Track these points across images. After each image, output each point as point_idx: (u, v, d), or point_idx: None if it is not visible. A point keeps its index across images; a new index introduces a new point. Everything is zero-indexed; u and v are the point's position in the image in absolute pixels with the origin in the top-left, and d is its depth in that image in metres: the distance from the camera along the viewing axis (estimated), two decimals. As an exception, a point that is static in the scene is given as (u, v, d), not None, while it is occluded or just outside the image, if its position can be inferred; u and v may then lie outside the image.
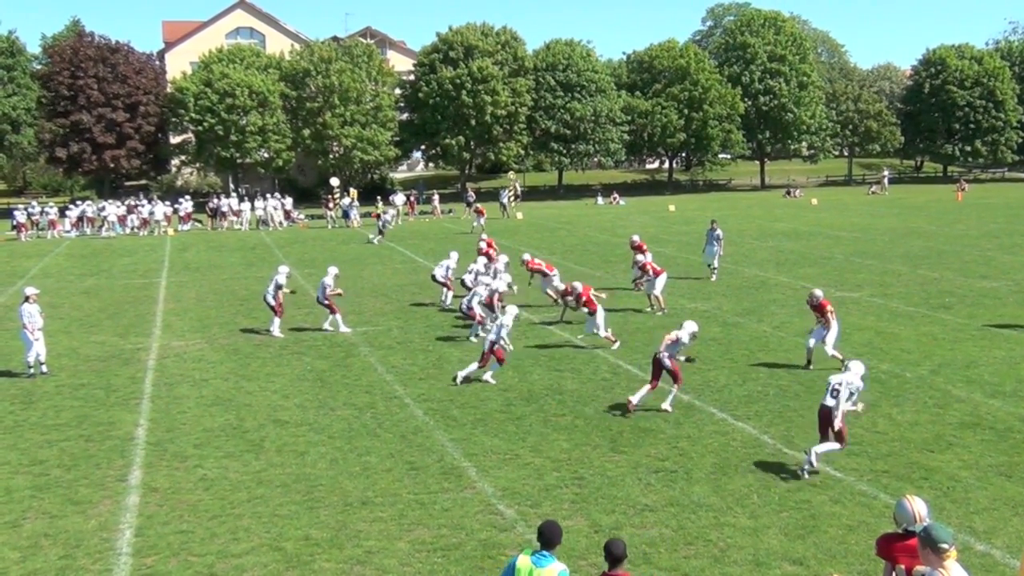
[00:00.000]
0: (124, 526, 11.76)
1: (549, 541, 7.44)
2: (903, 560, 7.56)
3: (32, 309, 19.39)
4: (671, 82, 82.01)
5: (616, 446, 14.29)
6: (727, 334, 22.05)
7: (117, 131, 70.99)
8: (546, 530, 7.49)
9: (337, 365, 19.92)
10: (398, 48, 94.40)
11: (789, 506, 11.89)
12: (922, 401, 16.29)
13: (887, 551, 7.74)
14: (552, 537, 7.46)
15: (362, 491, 12.70)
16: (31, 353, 19.43)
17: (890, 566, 7.72)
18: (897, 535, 7.75)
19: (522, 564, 7.40)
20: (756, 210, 58.50)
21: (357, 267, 35.59)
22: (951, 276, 30.03)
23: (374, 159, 74.99)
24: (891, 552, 7.69)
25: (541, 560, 7.35)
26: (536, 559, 7.37)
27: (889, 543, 7.78)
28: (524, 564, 7.39)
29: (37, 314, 19.46)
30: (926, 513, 7.63)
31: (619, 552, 7.47)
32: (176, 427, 15.81)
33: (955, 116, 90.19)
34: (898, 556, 7.61)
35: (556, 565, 7.30)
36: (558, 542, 7.50)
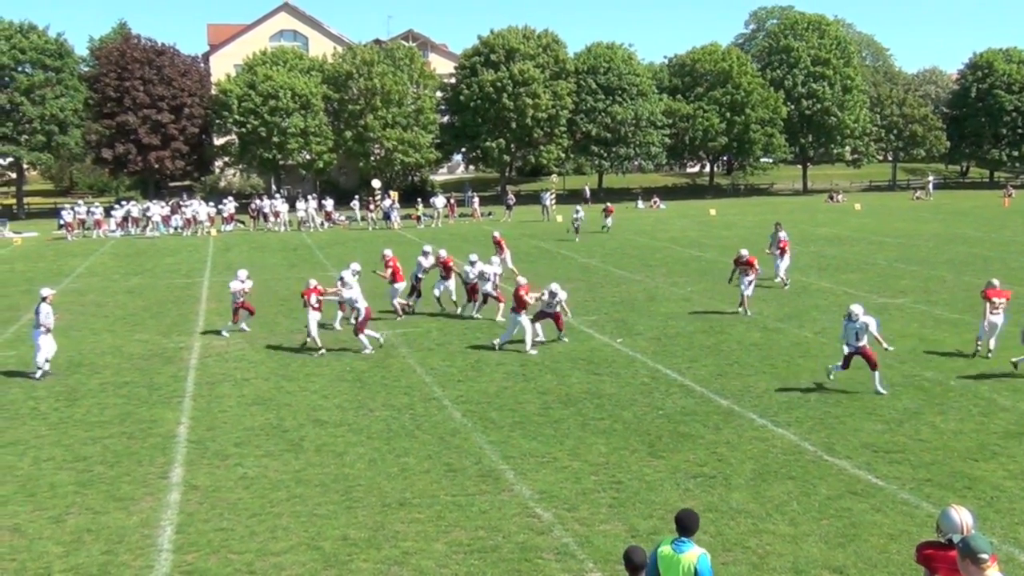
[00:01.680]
0: (165, 523, 11.89)
1: (687, 528, 7.69)
2: (943, 571, 7.44)
3: (49, 309, 19.70)
4: (713, 85, 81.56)
5: (654, 451, 14.23)
6: (768, 339, 21.88)
7: (162, 132, 71.76)
8: (684, 518, 7.74)
9: (376, 366, 20.01)
10: (440, 51, 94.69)
11: (829, 514, 11.78)
12: (966, 409, 16.07)
13: (927, 559, 7.63)
14: (690, 524, 7.70)
15: (400, 492, 12.74)
16: (41, 354, 19.64)
17: (929, 574, 7.60)
18: (939, 544, 7.63)
19: (664, 552, 7.69)
20: (798, 215, 58.02)
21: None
22: (997, 283, 29.53)
23: (415, 161, 75.25)
24: (931, 561, 7.57)
25: (681, 546, 7.63)
26: (676, 546, 7.65)
27: (930, 552, 7.65)
28: (666, 552, 7.67)
29: (51, 314, 19.77)
30: (972, 524, 7.51)
31: (639, 560, 7.46)
32: (217, 425, 15.96)
33: (1002, 121, 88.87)
34: (939, 566, 7.49)
35: (696, 550, 7.59)
36: (696, 529, 7.74)
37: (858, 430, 15.01)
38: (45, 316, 19.56)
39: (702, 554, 7.57)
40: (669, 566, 7.62)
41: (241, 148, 73.82)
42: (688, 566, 7.52)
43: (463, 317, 25.10)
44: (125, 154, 71.10)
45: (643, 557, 7.48)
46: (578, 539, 11.18)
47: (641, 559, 7.45)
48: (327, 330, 23.26)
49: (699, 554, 7.55)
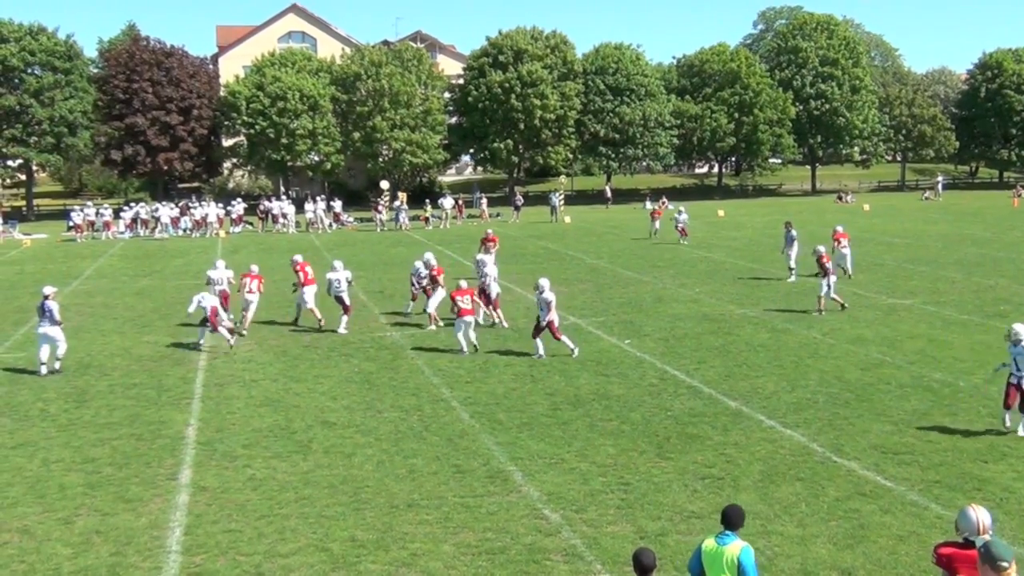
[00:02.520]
0: (174, 524, 11.92)
1: (732, 522, 7.86)
2: (964, 571, 7.43)
3: (56, 306, 20.06)
4: (721, 86, 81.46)
5: (663, 452, 14.22)
6: (776, 340, 21.85)
7: (171, 134, 71.90)
8: (730, 512, 7.93)
9: (384, 367, 20.03)
10: (448, 52, 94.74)
11: (838, 515, 11.75)
12: (975, 410, 16.03)
13: (947, 560, 7.61)
14: (735, 519, 7.89)
15: (408, 493, 12.75)
16: (61, 347, 19.97)
17: (949, 575, 7.58)
18: (957, 544, 7.61)
19: (708, 546, 7.87)
20: (807, 215, 57.87)
21: (405, 270, 35.68)
22: (1006, 283, 29.52)
23: (423, 162, 75.31)
24: (951, 562, 7.56)
25: (724, 539, 7.80)
26: (720, 539, 7.82)
27: (949, 552, 7.64)
28: (710, 545, 7.86)
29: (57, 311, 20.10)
30: (990, 523, 7.50)
31: (648, 562, 7.46)
32: (225, 427, 15.99)
33: (1012, 121, 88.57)
34: (959, 566, 7.47)
35: (738, 543, 7.75)
36: (740, 524, 7.92)
37: (867, 431, 14.98)
38: (57, 312, 19.89)
39: (745, 547, 7.72)
40: (713, 559, 7.77)
41: (249, 149, 73.95)
42: (731, 558, 7.67)
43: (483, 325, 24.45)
44: (134, 156, 71.27)
45: (652, 559, 7.48)
46: (586, 540, 11.18)
47: (650, 561, 7.45)
48: (329, 333, 23.27)
49: (742, 547, 7.71)
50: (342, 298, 23.80)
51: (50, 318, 19.85)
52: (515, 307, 26.15)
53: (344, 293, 23.85)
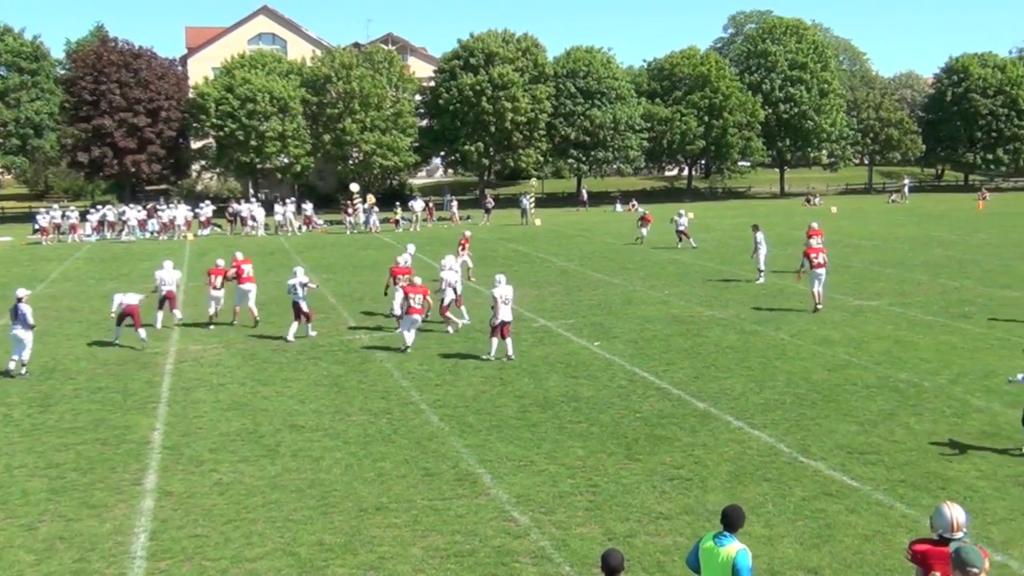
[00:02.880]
0: (139, 530, 11.81)
1: (732, 523, 7.87)
2: (938, 567, 7.50)
3: (30, 309, 19.89)
4: (691, 89, 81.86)
5: (631, 453, 14.25)
6: (744, 342, 21.96)
7: (138, 136, 71.36)
8: (730, 513, 7.93)
9: (353, 370, 19.95)
10: (419, 54, 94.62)
11: (804, 515, 11.82)
12: (940, 411, 16.18)
13: (922, 557, 7.68)
14: (735, 520, 7.88)
15: (376, 497, 12.70)
16: (27, 352, 19.84)
17: (922, 572, 7.64)
18: (932, 541, 7.69)
19: (706, 546, 7.89)
20: (775, 218, 58.25)
21: (375, 273, 35.61)
22: (971, 285, 29.84)
23: (393, 165, 75.15)
24: (926, 559, 7.63)
25: (722, 540, 7.80)
26: (718, 540, 7.83)
27: (924, 549, 7.71)
28: (708, 545, 7.87)
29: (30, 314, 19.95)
30: (964, 521, 7.59)
31: (616, 563, 7.45)
32: (192, 431, 15.87)
33: (977, 124, 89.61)
34: (934, 563, 7.55)
35: (736, 544, 7.74)
36: (740, 525, 7.91)
37: (833, 432, 15.08)
38: (30, 315, 19.72)
39: (742, 549, 7.72)
40: (709, 559, 7.82)
41: (218, 152, 73.53)
42: (727, 559, 7.69)
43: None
44: (101, 158, 70.67)
45: (619, 560, 7.47)
46: (555, 542, 11.18)
47: (617, 562, 7.44)
48: (304, 339, 23.17)
49: (739, 549, 7.71)
50: (299, 305, 22.99)
51: (23, 321, 19.67)
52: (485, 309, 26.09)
53: (302, 300, 22.99)
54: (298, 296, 22.89)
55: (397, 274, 24.11)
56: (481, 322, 24.17)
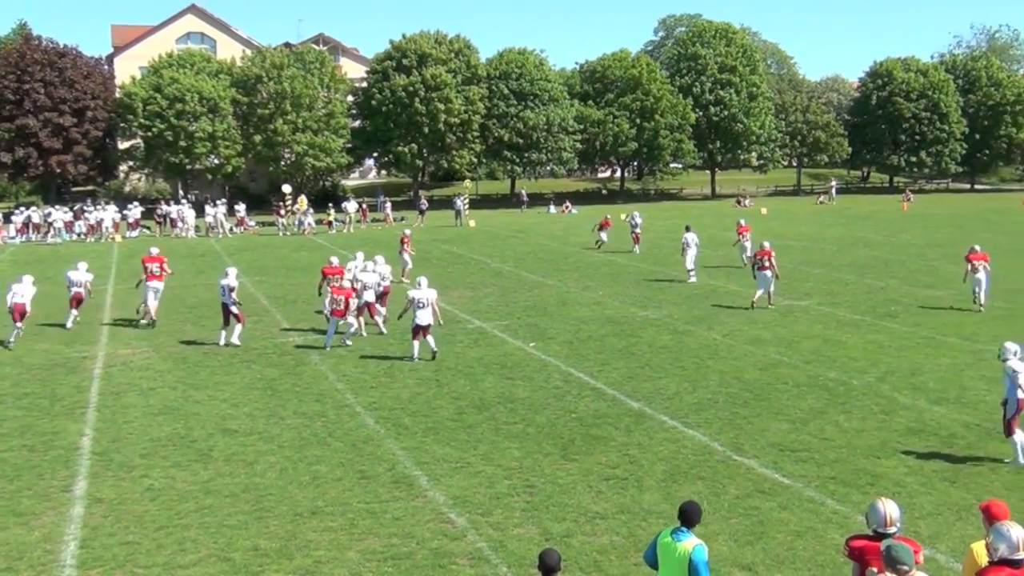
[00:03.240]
0: (68, 538, 11.57)
1: (689, 519, 7.96)
2: (875, 562, 7.64)
3: None
4: (623, 92, 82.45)
5: (567, 454, 14.32)
6: (677, 342, 22.20)
7: (64, 136, 69.89)
8: (687, 509, 8.02)
9: (287, 373, 19.76)
10: (351, 55, 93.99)
11: (738, 512, 11.99)
12: (868, 408, 16.52)
13: (858, 553, 7.82)
14: (691, 516, 7.97)
15: (312, 500, 12.60)
16: None
17: (859, 568, 7.79)
18: (868, 537, 7.84)
19: (664, 541, 8.00)
20: (707, 219, 58.93)
21: (309, 275, 35.31)
22: (896, 285, 30.51)
23: (326, 166, 74.57)
24: (863, 554, 7.77)
25: (679, 535, 7.89)
26: (675, 535, 7.92)
27: (861, 544, 7.85)
28: (666, 541, 7.97)
29: None
30: (898, 516, 7.74)
31: (552, 562, 7.49)
32: (122, 437, 15.58)
33: (901, 128, 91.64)
34: (870, 558, 7.69)
35: (692, 540, 7.82)
36: (697, 521, 8.00)
37: (765, 430, 15.32)
38: None
39: (698, 544, 7.81)
40: (667, 554, 7.92)
41: (147, 152, 72.29)
42: (683, 554, 7.78)
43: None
44: (25, 158, 69.06)
45: (556, 560, 7.51)
46: (492, 544, 11.19)
47: (554, 561, 7.48)
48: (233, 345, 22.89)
49: (695, 544, 7.80)
50: (229, 307, 22.48)
51: None
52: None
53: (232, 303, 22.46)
54: (228, 299, 22.47)
55: (328, 274, 23.88)
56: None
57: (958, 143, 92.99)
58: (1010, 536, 7.09)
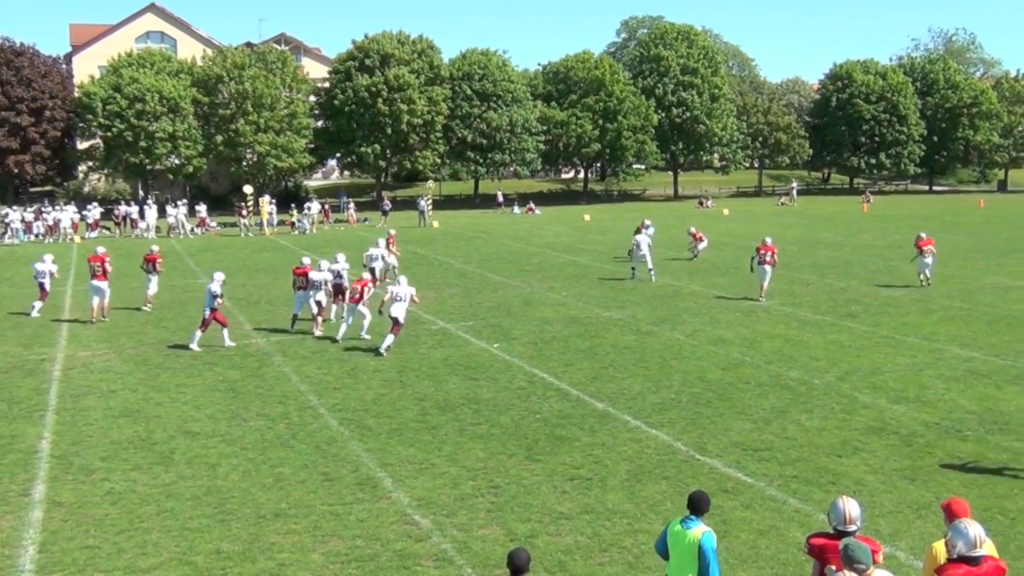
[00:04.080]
0: (27, 542, 11.41)
1: (697, 508, 8.19)
2: (834, 560, 7.71)
3: None
4: (586, 93, 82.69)
5: (532, 454, 14.33)
6: (641, 342, 22.28)
7: (21, 136, 69.02)
8: (696, 499, 8.25)
9: (250, 375, 19.61)
10: (313, 55, 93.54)
11: (702, 512, 12.03)
12: (830, 407, 16.67)
13: (818, 551, 7.89)
14: (700, 504, 8.20)
15: (275, 503, 12.52)
16: None
17: (819, 565, 7.85)
18: (828, 535, 7.91)
19: (674, 529, 8.23)
20: (669, 220, 59.23)
21: (271, 276, 35.16)
22: (857, 285, 30.83)
23: (288, 166, 74.18)
24: (823, 552, 7.84)
25: (688, 523, 8.12)
26: (684, 523, 8.14)
27: (821, 542, 7.93)
28: (676, 529, 8.20)
29: None
30: (858, 515, 7.81)
31: (521, 563, 7.46)
32: (82, 440, 15.40)
33: (861, 129, 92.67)
34: (830, 556, 7.76)
35: (701, 527, 8.06)
36: (706, 509, 8.23)
37: (728, 429, 15.41)
38: None
39: (707, 532, 8.02)
40: (676, 542, 8.15)
41: (106, 152, 71.52)
42: (692, 541, 8.00)
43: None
44: (-19, 159, 68.17)
45: (525, 560, 7.49)
46: (456, 545, 11.17)
47: (523, 562, 7.46)
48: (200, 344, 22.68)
49: (704, 531, 8.02)
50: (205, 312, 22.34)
51: None
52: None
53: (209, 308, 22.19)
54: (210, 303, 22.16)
55: (298, 274, 24.15)
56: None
57: (916, 145, 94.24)
58: (967, 533, 7.19)
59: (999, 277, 32.48)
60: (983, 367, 19.48)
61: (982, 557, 7.18)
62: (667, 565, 8.32)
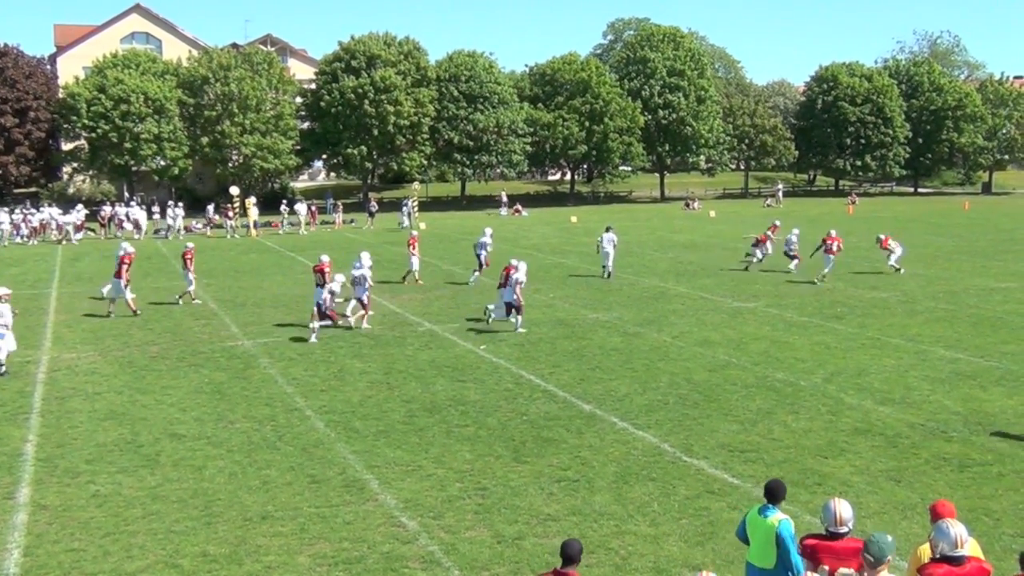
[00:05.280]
0: (12, 546, 11.35)
1: (775, 496, 8.53)
2: (827, 561, 7.76)
3: (5, 308, 19.98)
4: (573, 95, 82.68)
5: (519, 456, 14.33)
6: (628, 344, 22.31)
7: (5, 137, 68.60)
8: (773, 486, 8.60)
9: (236, 377, 19.56)
10: (299, 56, 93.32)
11: (689, 513, 12.07)
12: (816, 409, 16.72)
13: (810, 551, 7.94)
14: (777, 492, 8.55)
15: (262, 505, 12.49)
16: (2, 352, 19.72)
17: (812, 566, 7.90)
18: (820, 536, 7.96)
19: (752, 516, 8.60)
20: (656, 221, 59.37)
21: (257, 277, 35.07)
22: (843, 287, 30.93)
23: (274, 168, 73.97)
24: (815, 552, 7.89)
25: (766, 511, 8.44)
26: (762, 511, 8.48)
27: (813, 543, 7.97)
28: (753, 516, 8.58)
29: (9, 312, 20.10)
30: (849, 516, 7.88)
31: (573, 552, 7.60)
32: (67, 442, 15.32)
33: (846, 131, 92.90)
34: (822, 556, 7.81)
35: (779, 515, 8.36)
36: (782, 497, 8.59)
37: (715, 431, 15.45)
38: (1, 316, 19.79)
39: (784, 519, 8.30)
40: (755, 528, 8.49)
41: (91, 154, 71.13)
42: (771, 528, 8.29)
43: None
44: (-36, 159, 67.75)
45: (577, 551, 7.58)
46: (444, 547, 11.17)
47: (575, 552, 7.56)
48: (180, 343, 22.60)
49: (781, 519, 8.30)
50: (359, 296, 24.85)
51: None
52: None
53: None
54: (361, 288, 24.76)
55: (317, 271, 24.70)
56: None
57: (902, 147, 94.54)
58: (949, 533, 7.28)
59: (983, 279, 32.65)
60: (968, 368, 19.58)
61: (965, 557, 7.26)
62: (748, 551, 8.66)
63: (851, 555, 7.77)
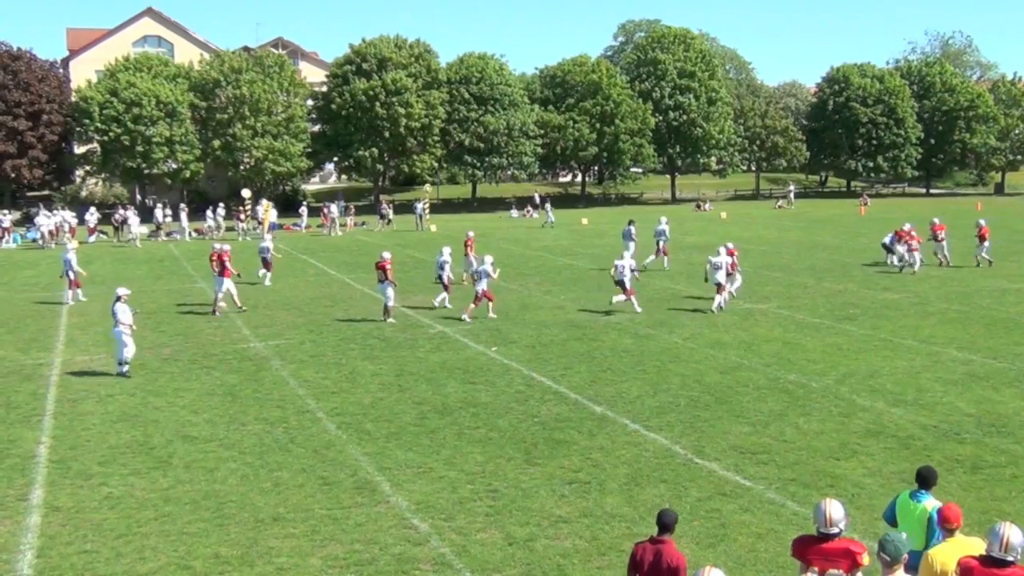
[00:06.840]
0: (25, 547, 11.40)
1: (926, 481, 8.74)
2: (816, 562, 7.73)
3: (125, 308, 20.04)
4: (583, 97, 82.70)
5: (530, 458, 14.33)
6: (639, 345, 22.28)
7: (19, 140, 68.98)
8: (925, 472, 8.84)
9: (248, 379, 19.60)
10: (310, 59, 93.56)
11: (700, 515, 12.05)
12: (828, 410, 16.67)
13: (801, 552, 7.92)
14: (930, 478, 8.77)
15: (273, 507, 12.51)
16: (127, 351, 19.90)
17: (804, 567, 7.88)
18: (812, 537, 7.93)
19: (902, 500, 8.81)
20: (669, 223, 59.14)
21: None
22: (855, 288, 30.83)
23: (286, 171, 74.15)
24: (805, 554, 7.86)
25: (919, 496, 8.66)
26: (914, 496, 8.69)
27: (803, 545, 7.95)
28: (904, 500, 8.78)
29: (129, 312, 20.14)
30: (839, 517, 7.81)
31: (668, 520, 7.95)
32: (80, 444, 15.38)
33: (858, 132, 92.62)
34: (812, 558, 7.78)
35: (932, 501, 8.54)
36: (934, 483, 8.80)
37: (726, 433, 15.41)
38: (123, 314, 19.87)
39: (935, 505, 8.44)
40: (906, 512, 8.67)
41: (103, 157, 71.42)
42: (923, 513, 8.47)
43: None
44: (-22, 162, 68.10)
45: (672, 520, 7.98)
46: (455, 549, 11.17)
47: (671, 520, 7.95)
48: (192, 345, 22.66)
49: (934, 505, 8.46)
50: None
51: (115, 320, 19.93)
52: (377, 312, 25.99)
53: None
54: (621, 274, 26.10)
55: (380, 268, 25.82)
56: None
57: (914, 148, 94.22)
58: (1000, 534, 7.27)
59: (996, 280, 32.49)
60: (981, 370, 19.49)
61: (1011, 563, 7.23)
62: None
63: (841, 556, 7.68)
